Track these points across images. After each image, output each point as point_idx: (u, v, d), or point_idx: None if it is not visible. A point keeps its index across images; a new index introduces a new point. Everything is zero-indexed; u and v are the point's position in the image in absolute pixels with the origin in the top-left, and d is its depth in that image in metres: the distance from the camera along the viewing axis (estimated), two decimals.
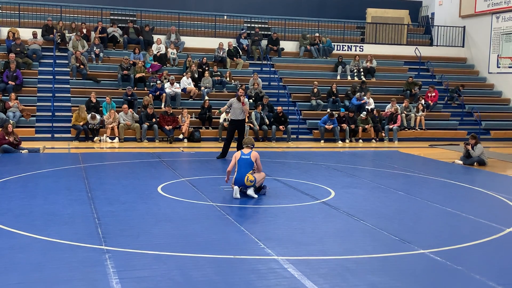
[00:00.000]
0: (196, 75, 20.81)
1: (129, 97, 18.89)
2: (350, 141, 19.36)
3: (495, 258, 6.58)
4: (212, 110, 18.94)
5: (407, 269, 6.07)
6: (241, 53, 23.05)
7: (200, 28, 24.20)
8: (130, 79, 20.04)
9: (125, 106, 18.11)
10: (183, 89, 20.15)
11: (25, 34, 21.14)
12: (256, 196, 9.49)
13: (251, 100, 20.03)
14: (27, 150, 14.61)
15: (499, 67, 23.89)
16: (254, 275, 5.73)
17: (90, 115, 17.58)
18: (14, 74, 18.83)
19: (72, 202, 8.89)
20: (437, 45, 26.05)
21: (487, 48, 24.38)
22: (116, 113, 17.95)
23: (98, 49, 21.25)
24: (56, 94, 19.21)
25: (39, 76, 20.14)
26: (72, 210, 8.34)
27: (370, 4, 27.66)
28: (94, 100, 18.28)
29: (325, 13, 27.21)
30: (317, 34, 24.47)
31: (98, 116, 17.69)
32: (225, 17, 25.26)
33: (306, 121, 20.31)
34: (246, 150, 9.83)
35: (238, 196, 9.42)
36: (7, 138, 14.51)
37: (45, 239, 6.77)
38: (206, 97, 19.58)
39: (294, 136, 19.37)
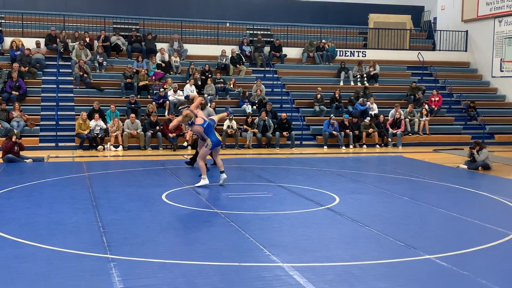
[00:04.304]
0: (199, 83, 20.85)
1: (133, 105, 18.93)
2: (354, 146, 19.35)
3: (501, 262, 6.55)
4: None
5: (413, 274, 6.05)
6: (244, 60, 23.09)
7: (202, 36, 24.25)
8: (133, 87, 20.08)
9: (132, 115, 18.13)
10: (186, 97, 20.15)
11: (29, 43, 21.22)
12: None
13: (254, 107, 20.07)
14: (31, 159, 14.64)
15: (502, 71, 23.86)
16: (260, 282, 5.72)
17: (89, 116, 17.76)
18: (17, 83, 18.89)
19: (77, 210, 8.89)
20: (439, 50, 26.06)
21: (490, 52, 24.36)
22: (120, 122, 17.99)
23: (101, 58, 21.31)
24: (60, 103, 19.25)
25: (42, 86, 20.20)
26: (77, 219, 8.34)
27: (372, 9, 27.70)
28: (96, 108, 18.30)
29: (327, 19, 27.27)
30: (324, 41, 24.49)
31: (98, 117, 17.78)
32: (228, 24, 25.33)
33: (310, 127, 20.31)
34: (199, 120, 10.86)
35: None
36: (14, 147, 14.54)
37: (50, 248, 6.77)
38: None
39: (298, 142, 19.37)
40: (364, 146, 19.43)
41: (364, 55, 24.96)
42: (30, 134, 17.77)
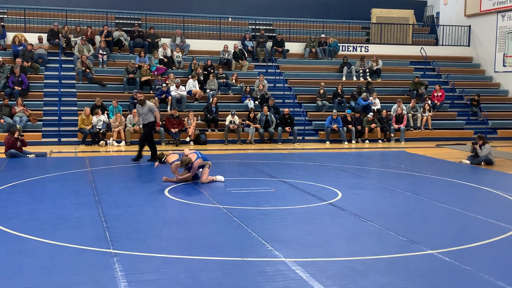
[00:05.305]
0: (202, 78, 20.84)
1: (135, 101, 18.88)
2: (357, 142, 19.33)
3: (504, 257, 6.55)
4: (219, 113, 19.01)
5: (416, 269, 6.05)
6: (246, 55, 23.06)
7: (205, 31, 24.23)
8: (136, 82, 20.08)
9: (135, 110, 18.10)
10: (189, 92, 20.17)
11: (31, 39, 21.23)
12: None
13: (256, 102, 20.06)
14: (34, 155, 14.66)
15: (505, 66, 23.81)
16: (262, 277, 5.73)
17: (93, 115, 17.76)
18: (19, 79, 18.90)
19: (80, 206, 8.91)
20: (442, 45, 25.99)
21: (493, 47, 24.30)
22: (122, 117, 17.99)
23: (104, 53, 21.30)
24: (62, 99, 19.26)
25: (45, 81, 20.21)
26: (80, 214, 8.36)
27: (375, 4, 27.62)
28: (99, 104, 18.29)
29: (329, 14, 27.20)
30: (323, 35, 24.45)
31: (100, 113, 17.79)
32: (230, 19, 25.28)
33: (312, 122, 20.30)
34: (193, 156, 10.92)
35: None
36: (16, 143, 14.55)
37: (53, 243, 6.79)
38: (211, 99, 19.56)
39: (300, 137, 19.35)
40: (367, 141, 19.42)
41: (366, 50, 24.91)
42: (33, 129, 17.79)
